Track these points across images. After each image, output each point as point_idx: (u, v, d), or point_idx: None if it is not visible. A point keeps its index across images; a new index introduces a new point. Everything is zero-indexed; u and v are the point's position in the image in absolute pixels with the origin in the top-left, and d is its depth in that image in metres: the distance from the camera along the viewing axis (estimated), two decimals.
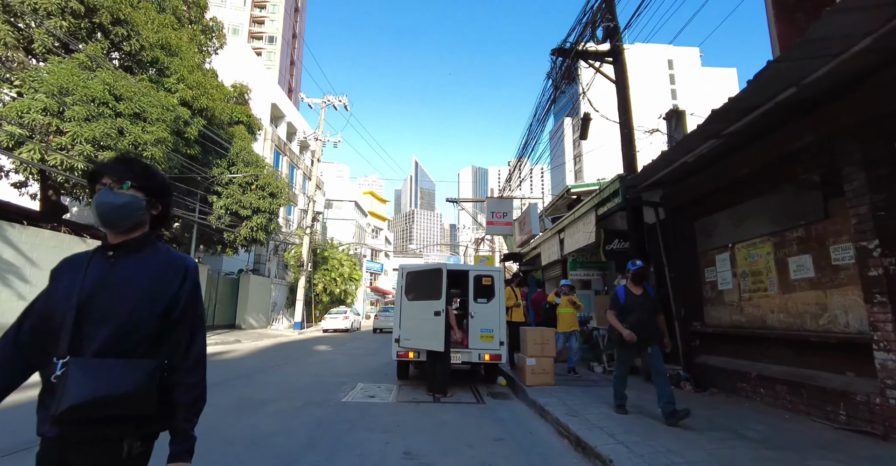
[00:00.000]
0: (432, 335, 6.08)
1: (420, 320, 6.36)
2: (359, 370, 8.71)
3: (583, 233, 7.91)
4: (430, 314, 6.14)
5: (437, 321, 6.05)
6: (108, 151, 10.88)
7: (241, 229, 17.06)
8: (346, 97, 26.08)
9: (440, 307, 6.05)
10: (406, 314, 6.66)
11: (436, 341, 6.00)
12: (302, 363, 9.85)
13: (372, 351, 13.33)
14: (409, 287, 6.79)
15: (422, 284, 6.67)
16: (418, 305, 6.52)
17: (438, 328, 6.00)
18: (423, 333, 6.26)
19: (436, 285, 6.16)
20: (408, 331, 6.52)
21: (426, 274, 6.72)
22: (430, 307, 6.19)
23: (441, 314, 6.00)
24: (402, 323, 6.67)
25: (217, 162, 16.44)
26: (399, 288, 6.87)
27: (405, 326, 6.60)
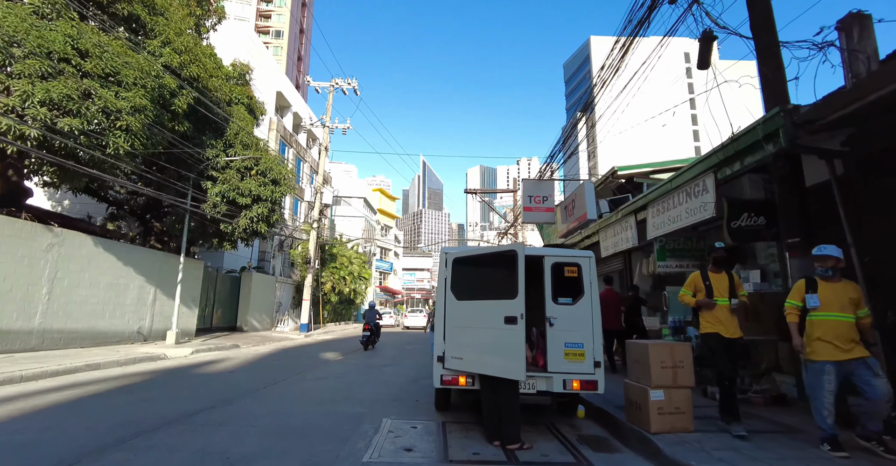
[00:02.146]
0: (502, 354, 4.00)
1: (479, 330, 4.29)
2: (380, 393, 6.62)
3: (687, 207, 5.75)
4: (497, 320, 4.06)
5: (509, 332, 3.96)
6: (71, 118, 8.91)
7: (239, 219, 15.05)
8: (356, 80, 24.09)
9: (516, 310, 3.96)
10: (455, 320, 4.61)
11: (508, 363, 3.91)
12: (306, 380, 7.78)
13: (391, 359, 11.25)
14: (458, 281, 4.72)
15: (481, 275, 4.62)
16: (475, 307, 4.47)
17: (513, 344, 3.90)
18: (486, 350, 4.19)
19: (507, 276, 4.07)
20: (460, 346, 4.47)
21: (488, 261, 4.67)
22: (498, 310, 4.11)
23: (518, 322, 3.89)
24: (448, 334, 4.61)
25: (212, 143, 14.45)
26: (442, 282, 4.77)
27: (454, 338, 4.56)
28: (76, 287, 11.13)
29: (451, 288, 4.65)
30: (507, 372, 3.90)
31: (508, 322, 3.95)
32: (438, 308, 4.73)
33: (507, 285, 4.03)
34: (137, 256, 13.41)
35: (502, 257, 4.25)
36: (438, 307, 4.73)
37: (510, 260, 4.05)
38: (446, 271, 4.72)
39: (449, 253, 4.80)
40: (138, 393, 6.13)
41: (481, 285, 4.52)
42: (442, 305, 4.68)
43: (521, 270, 3.94)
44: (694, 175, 5.61)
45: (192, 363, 9.80)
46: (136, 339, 13.15)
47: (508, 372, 3.88)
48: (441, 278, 4.76)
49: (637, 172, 12.81)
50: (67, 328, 10.85)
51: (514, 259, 4.02)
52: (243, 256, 23.34)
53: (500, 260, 4.27)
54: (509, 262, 4.05)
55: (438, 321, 4.67)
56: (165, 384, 6.99)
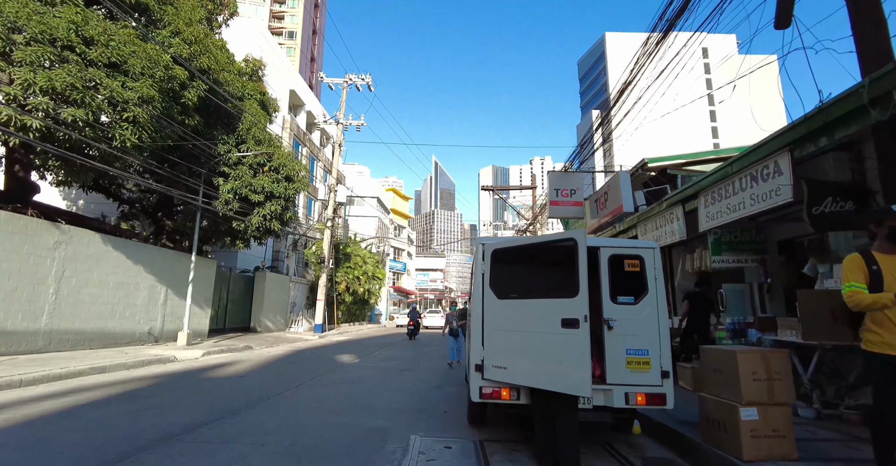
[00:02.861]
0: (559, 364, 3.34)
1: (529, 334, 3.64)
2: (402, 402, 6.00)
3: (753, 192, 5.02)
4: (552, 323, 3.41)
5: (568, 337, 3.30)
6: (75, 108, 8.48)
7: (252, 217, 14.60)
8: (370, 76, 23.58)
9: (577, 310, 3.29)
10: (496, 322, 3.95)
11: (568, 375, 3.25)
12: (320, 386, 7.19)
13: (409, 363, 10.64)
14: (499, 276, 4.06)
15: (530, 270, 3.98)
16: (523, 307, 3.80)
17: (573, 352, 3.24)
18: (538, 358, 3.53)
19: (564, 271, 3.41)
20: (503, 354, 3.82)
21: (539, 252, 3.98)
22: (553, 311, 3.46)
23: (581, 326, 3.23)
24: (488, 339, 3.96)
25: (223, 138, 14.03)
26: (478, 278, 4.12)
27: (496, 344, 3.90)
28: (84, 287, 10.75)
29: (490, 285, 4.00)
30: (566, 386, 3.23)
31: (567, 326, 3.28)
32: (474, 308, 4.08)
33: (563, 280, 3.38)
34: (148, 254, 13.03)
35: (556, 248, 3.58)
36: (474, 307, 4.07)
37: (567, 251, 3.38)
38: (484, 264, 4.06)
39: (487, 244, 4.13)
40: (141, 401, 5.61)
41: (530, 282, 3.87)
42: (479, 304, 4.03)
43: (583, 262, 3.27)
44: (762, 156, 4.87)
45: (201, 367, 9.31)
46: (146, 340, 12.76)
47: (568, 386, 3.22)
48: (477, 274, 4.10)
49: (671, 163, 12.02)
50: (75, 328, 10.47)
51: (572, 250, 3.34)
52: (257, 255, 23.00)
53: (553, 251, 3.61)
54: (566, 253, 3.39)
55: (475, 323, 4.02)
56: (171, 391, 6.47)
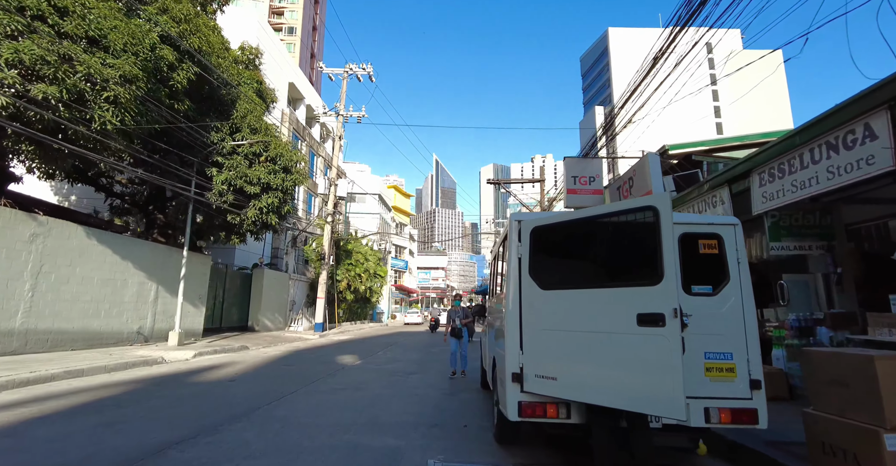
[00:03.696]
0: (639, 375, 2.55)
1: (591, 336, 2.82)
2: (413, 413, 5.19)
3: (832, 163, 4.20)
4: (623, 320, 2.61)
5: (650, 339, 2.51)
6: (47, 84, 7.68)
7: (247, 210, 13.81)
8: (371, 66, 22.75)
9: (662, 302, 2.48)
10: (540, 319, 3.14)
11: (653, 390, 2.46)
12: (319, 393, 6.38)
13: (416, 365, 9.84)
14: (544, 260, 3.24)
15: (588, 251, 3.16)
16: (579, 300, 2.96)
17: (658, 359, 2.45)
18: (605, 367, 2.73)
19: (641, 250, 2.64)
20: (552, 361, 3.01)
21: (602, 227, 3.05)
22: (624, 304, 2.65)
23: (669, 323, 2.42)
24: (529, 341, 3.15)
25: (217, 126, 13.23)
26: (513, 264, 3.32)
27: (540, 347, 3.09)
28: (65, 283, 9.96)
29: (530, 273, 3.18)
30: (647, 405, 2.43)
31: (646, 323, 2.47)
32: (509, 303, 3.26)
33: (638, 263, 2.58)
34: (137, 249, 12.24)
35: (628, 222, 2.76)
36: (509, 302, 3.26)
37: (646, 226, 2.55)
38: (520, 247, 3.25)
39: (525, 221, 3.30)
40: (107, 413, 4.82)
41: (588, 266, 3.05)
42: (514, 298, 3.22)
43: (668, 235, 2.45)
44: (846, 119, 4.05)
45: (190, 369, 8.52)
46: (135, 340, 11.99)
47: (650, 405, 2.41)
48: (511, 259, 3.29)
49: (696, 150, 11.19)
50: (55, 328, 9.69)
51: (653, 223, 2.53)
52: (255, 252, 22.22)
53: (621, 226, 2.79)
54: (643, 228, 2.57)
55: (510, 322, 3.20)
56: (148, 399, 5.68)
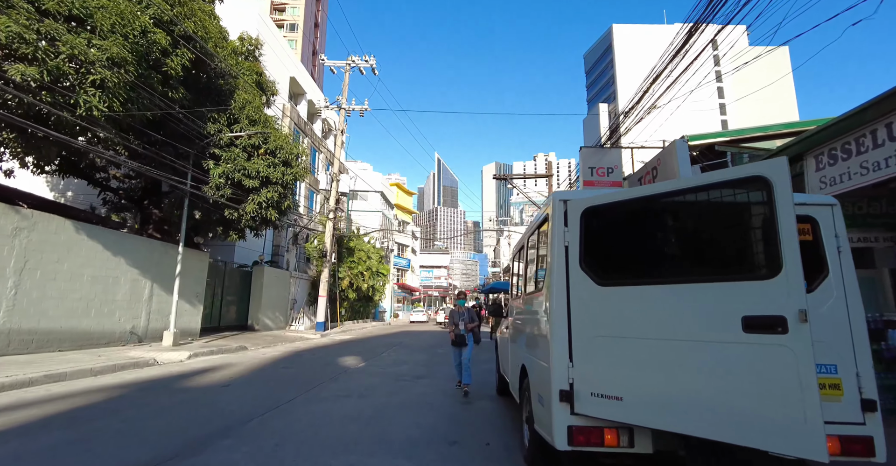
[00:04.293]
0: (750, 400, 1.94)
1: (672, 345, 2.23)
2: (427, 425, 4.60)
3: None
4: (721, 324, 2.02)
5: (765, 351, 1.91)
6: (25, 65, 7.11)
7: (246, 204, 13.25)
8: (374, 58, 22.15)
9: (781, 302, 1.88)
10: (598, 323, 2.55)
11: (772, 420, 1.85)
12: (319, 401, 5.79)
13: (423, 368, 9.25)
14: (601, 249, 2.66)
15: (664, 236, 2.57)
16: (655, 298, 2.38)
17: (780, 379, 1.85)
18: (698, 387, 2.13)
19: (745, 232, 2.05)
20: (616, 376, 2.43)
21: (688, 206, 2.39)
22: (722, 304, 2.06)
23: (793, 329, 1.80)
24: (581, 351, 2.58)
25: (214, 116, 12.65)
26: (558, 252, 2.72)
27: (599, 360, 2.52)
28: (52, 280, 9.40)
29: (583, 264, 2.59)
30: (768, 439, 1.82)
31: (758, 328, 1.88)
32: (553, 302, 2.66)
33: (744, 250, 1.99)
34: (130, 245, 11.68)
35: (725, 197, 2.13)
36: (553, 301, 2.66)
37: (751, 202, 1.95)
38: (568, 232, 2.66)
39: (574, 200, 2.69)
40: (80, 426, 4.25)
41: (665, 254, 2.44)
42: (561, 296, 2.62)
43: (789, 213, 1.85)
44: None
45: (182, 372, 7.96)
46: (129, 340, 11.44)
47: (774, 439, 1.81)
48: (554, 248, 2.70)
49: (719, 140, 10.59)
50: (41, 328, 9.13)
51: (765, 198, 1.94)
52: (255, 249, 21.68)
53: (717, 203, 2.17)
54: (747, 204, 1.97)
55: (556, 325, 2.60)
56: (130, 408, 5.11)
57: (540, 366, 2.92)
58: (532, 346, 3.32)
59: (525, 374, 3.62)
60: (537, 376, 3.00)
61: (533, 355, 3.22)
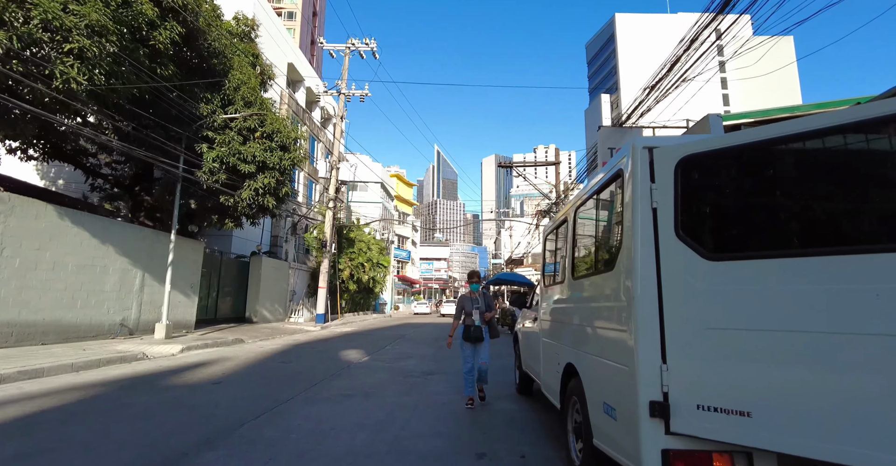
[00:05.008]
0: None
1: (834, 339, 1.57)
2: (445, 433, 3.98)
3: None
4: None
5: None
6: None
7: (242, 191, 12.58)
8: (374, 41, 21.33)
9: None
10: (705, 312, 1.88)
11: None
12: (321, 401, 5.19)
13: (432, 362, 8.66)
14: (709, 212, 2.03)
15: (810, 191, 1.82)
16: (801, 275, 1.68)
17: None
18: (868, 402, 1.49)
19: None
20: (738, 384, 1.76)
21: (852, 154, 1.71)
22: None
23: None
24: (680, 349, 1.92)
25: (207, 97, 11.93)
26: (641, 223, 2.08)
27: (711, 362, 1.85)
28: (33, 269, 8.77)
29: (682, 231, 1.96)
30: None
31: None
32: (637, 283, 2.03)
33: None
34: (119, 233, 11.03)
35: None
36: (637, 281, 2.03)
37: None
38: (657, 190, 2.03)
39: (664, 148, 2.06)
40: (42, 434, 3.64)
41: (812, 215, 1.78)
42: (648, 274, 2.01)
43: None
44: None
45: (172, 368, 7.36)
46: (119, 333, 10.85)
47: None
48: (636, 213, 2.08)
49: (746, 121, 9.88)
50: (21, 320, 8.52)
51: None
52: (253, 239, 21.05)
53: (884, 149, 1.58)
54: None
55: (645, 311, 1.98)
56: (105, 410, 4.51)
57: (609, 367, 2.30)
58: (588, 341, 2.68)
59: (570, 375, 3.00)
60: (604, 379, 2.37)
61: (593, 352, 2.57)
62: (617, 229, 2.31)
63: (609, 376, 2.29)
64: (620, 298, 2.17)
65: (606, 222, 2.61)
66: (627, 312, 2.08)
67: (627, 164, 2.20)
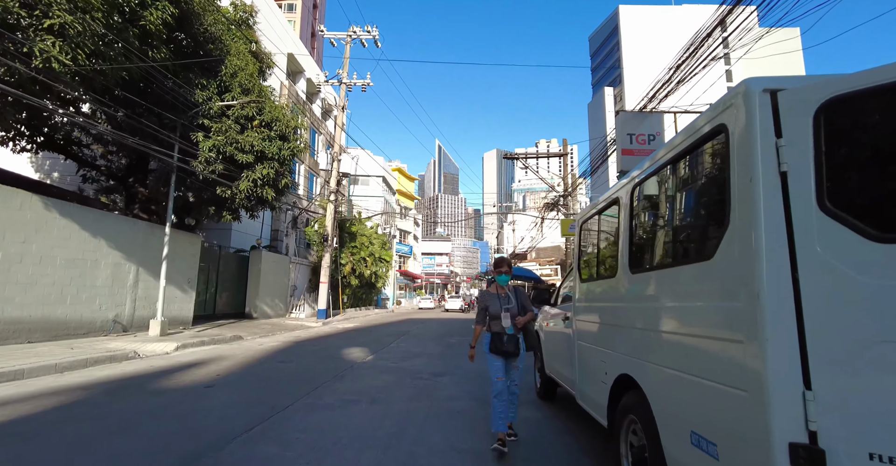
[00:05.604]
0: None
1: None
2: (466, 449, 3.45)
3: None
4: None
5: None
6: None
7: (240, 182, 12.07)
8: (376, 29, 20.70)
9: None
10: (875, 318, 1.34)
11: None
12: (322, 409, 4.70)
13: (440, 361, 8.17)
14: (871, 174, 1.46)
15: None
16: None
17: None
18: None
19: None
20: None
21: None
22: None
23: None
24: (832, 369, 1.37)
25: (202, 83, 11.38)
26: (762, 193, 1.51)
27: (884, 390, 1.30)
28: (17, 263, 8.30)
29: (830, 203, 1.42)
30: None
31: None
32: (766, 274, 1.47)
33: None
34: (111, 225, 10.54)
35: None
36: (766, 272, 1.47)
37: None
38: (785, 148, 1.49)
39: (793, 91, 1.52)
40: (6, 449, 3.15)
41: None
42: (780, 263, 1.46)
43: None
44: None
45: (163, 368, 6.89)
46: (112, 330, 10.39)
47: None
48: (756, 178, 1.52)
49: None
50: (6, 316, 8.06)
51: None
52: (252, 233, 20.56)
53: None
54: None
55: (776, 320, 1.43)
56: (79, 420, 4.03)
57: (706, 388, 1.76)
58: (660, 351, 2.15)
59: (624, 388, 2.49)
60: (694, 402, 1.82)
61: (671, 364, 2.03)
62: (716, 205, 1.78)
63: (706, 399, 1.76)
64: (732, 296, 1.63)
65: (693, 197, 2.08)
66: (746, 315, 1.54)
67: (736, 115, 1.66)
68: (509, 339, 3.53)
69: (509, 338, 3.54)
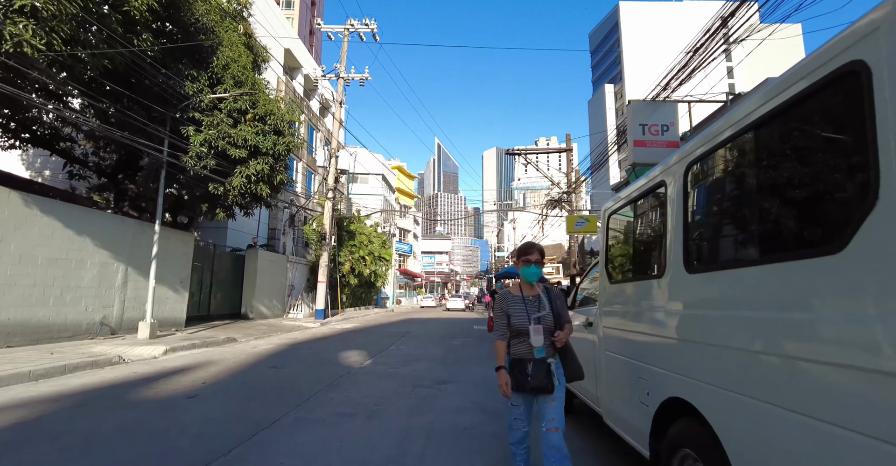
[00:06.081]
0: None
1: None
2: None
3: None
4: None
5: None
6: None
7: (233, 178, 11.60)
8: (374, 22, 20.20)
9: None
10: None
11: None
12: (312, 423, 4.22)
13: (442, 366, 7.71)
14: None
15: None
16: None
17: None
18: None
19: None
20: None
21: None
22: None
23: None
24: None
25: (192, 74, 10.90)
26: None
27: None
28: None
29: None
30: None
31: None
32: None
33: None
34: (98, 223, 10.07)
35: None
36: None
37: None
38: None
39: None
40: None
41: None
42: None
43: None
44: None
45: (147, 375, 6.43)
46: (99, 332, 9.93)
47: None
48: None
49: None
50: None
51: None
52: (248, 232, 20.10)
53: None
54: None
55: None
56: (38, 439, 3.57)
57: (822, 435, 1.30)
58: (737, 375, 1.66)
59: (675, 413, 2.03)
60: (799, 456, 1.37)
61: (763, 397, 1.53)
62: (847, 176, 1.31)
63: (823, 450, 1.28)
64: (876, 307, 1.16)
65: (796, 167, 1.56)
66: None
67: (886, 43, 1.18)
68: (537, 366, 2.40)
69: (537, 365, 2.41)
